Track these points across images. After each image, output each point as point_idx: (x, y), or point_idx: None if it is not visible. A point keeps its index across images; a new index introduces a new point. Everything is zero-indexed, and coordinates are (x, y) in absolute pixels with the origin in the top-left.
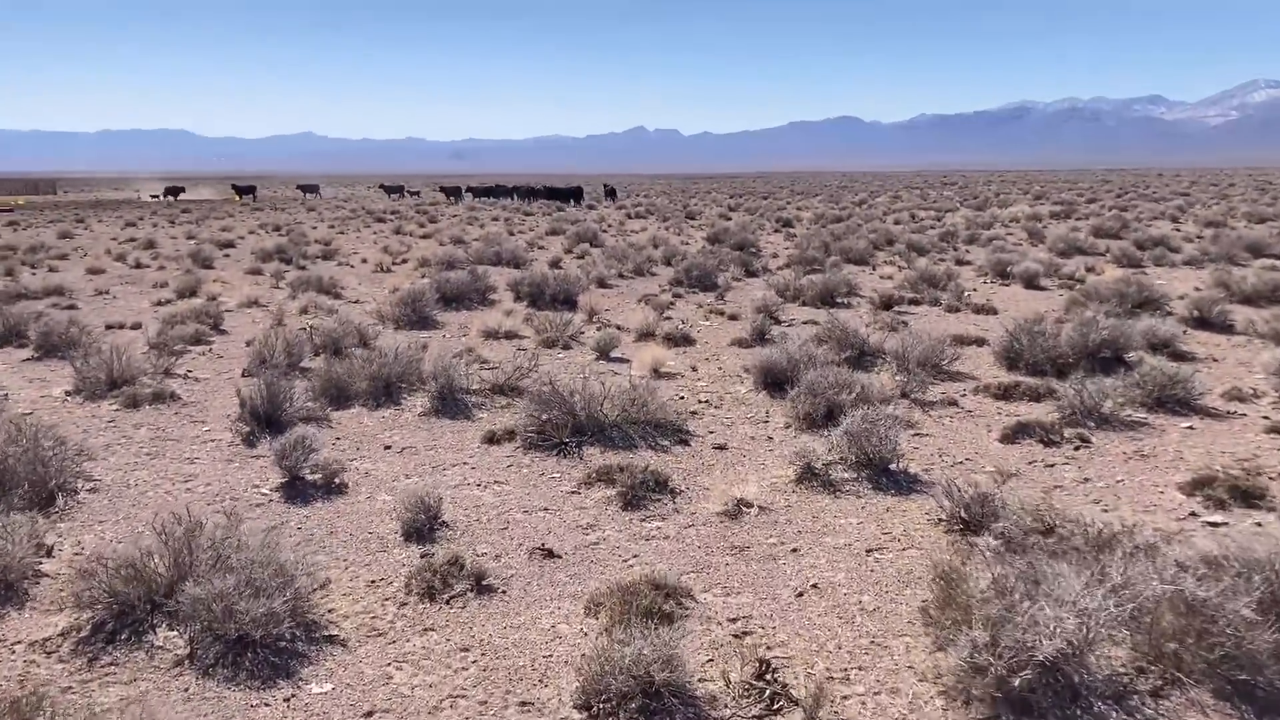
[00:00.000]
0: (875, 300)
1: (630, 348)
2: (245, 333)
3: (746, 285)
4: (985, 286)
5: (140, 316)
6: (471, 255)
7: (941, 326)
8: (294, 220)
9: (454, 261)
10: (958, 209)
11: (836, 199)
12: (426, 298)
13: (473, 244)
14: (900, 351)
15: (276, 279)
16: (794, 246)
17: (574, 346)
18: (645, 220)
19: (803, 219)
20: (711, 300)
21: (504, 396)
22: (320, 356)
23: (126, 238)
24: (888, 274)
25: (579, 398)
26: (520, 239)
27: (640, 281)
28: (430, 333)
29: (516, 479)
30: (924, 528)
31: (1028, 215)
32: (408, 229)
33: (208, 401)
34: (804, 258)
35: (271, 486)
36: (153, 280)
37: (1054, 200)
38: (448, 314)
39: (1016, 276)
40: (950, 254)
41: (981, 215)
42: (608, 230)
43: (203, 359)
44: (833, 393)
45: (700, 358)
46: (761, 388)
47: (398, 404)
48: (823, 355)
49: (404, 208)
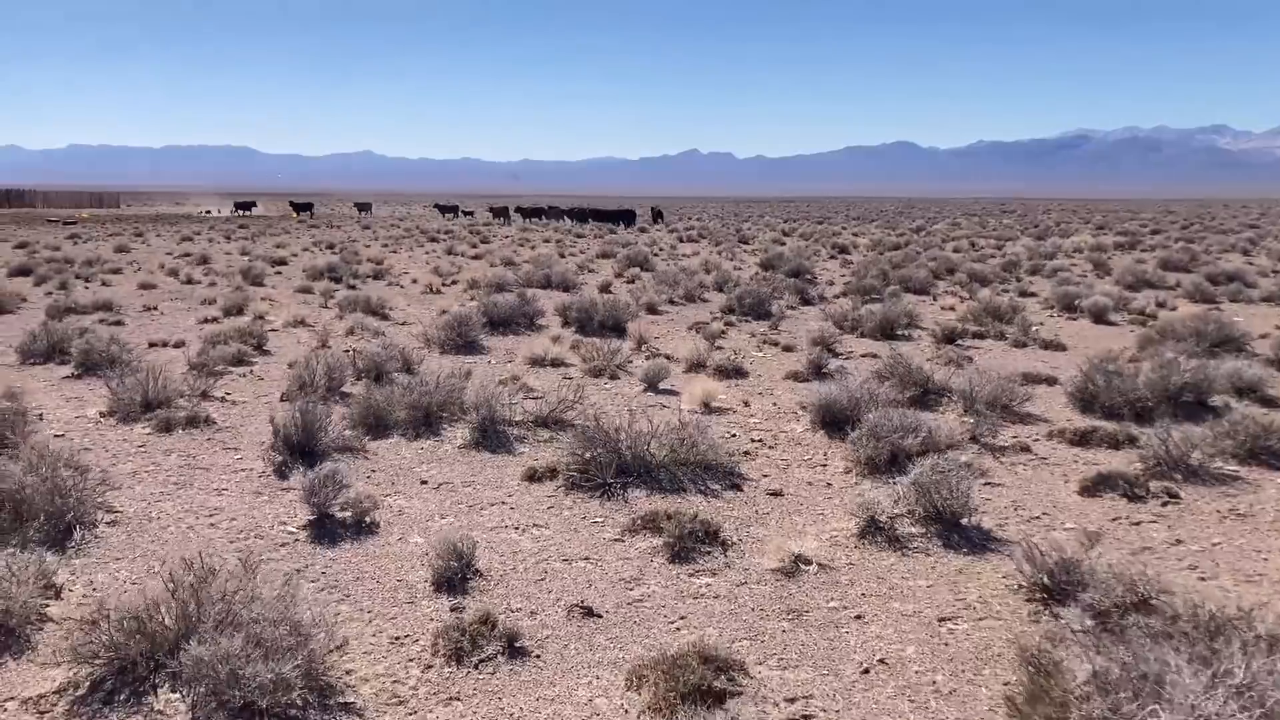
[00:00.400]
0: (937, 333)
1: (680, 379)
2: (289, 354)
3: (801, 314)
4: (1052, 320)
5: (185, 334)
6: (521, 278)
7: (1008, 363)
8: (348, 238)
9: (503, 284)
10: (1018, 237)
11: (893, 225)
12: (473, 322)
13: (523, 266)
14: (968, 391)
15: (325, 298)
16: (851, 274)
17: (621, 376)
18: (697, 244)
19: (859, 245)
20: (765, 329)
21: (547, 429)
22: (362, 381)
23: (181, 252)
24: (949, 305)
25: (624, 435)
26: (571, 261)
27: (691, 308)
28: (475, 358)
29: (557, 522)
30: (1002, 594)
31: (1091, 246)
32: (459, 249)
33: (243, 427)
34: (861, 286)
35: (299, 524)
36: (201, 297)
37: (1117, 230)
38: (494, 339)
39: (1084, 310)
40: (1013, 285)
41: (1043, 245)
42: (659, 254)
43: (243, 381)
44: (897, 436)
45: (753, 392)
46: (819, 427)
47: (437, 435)
48: (885, 393)
49: (457, 227)
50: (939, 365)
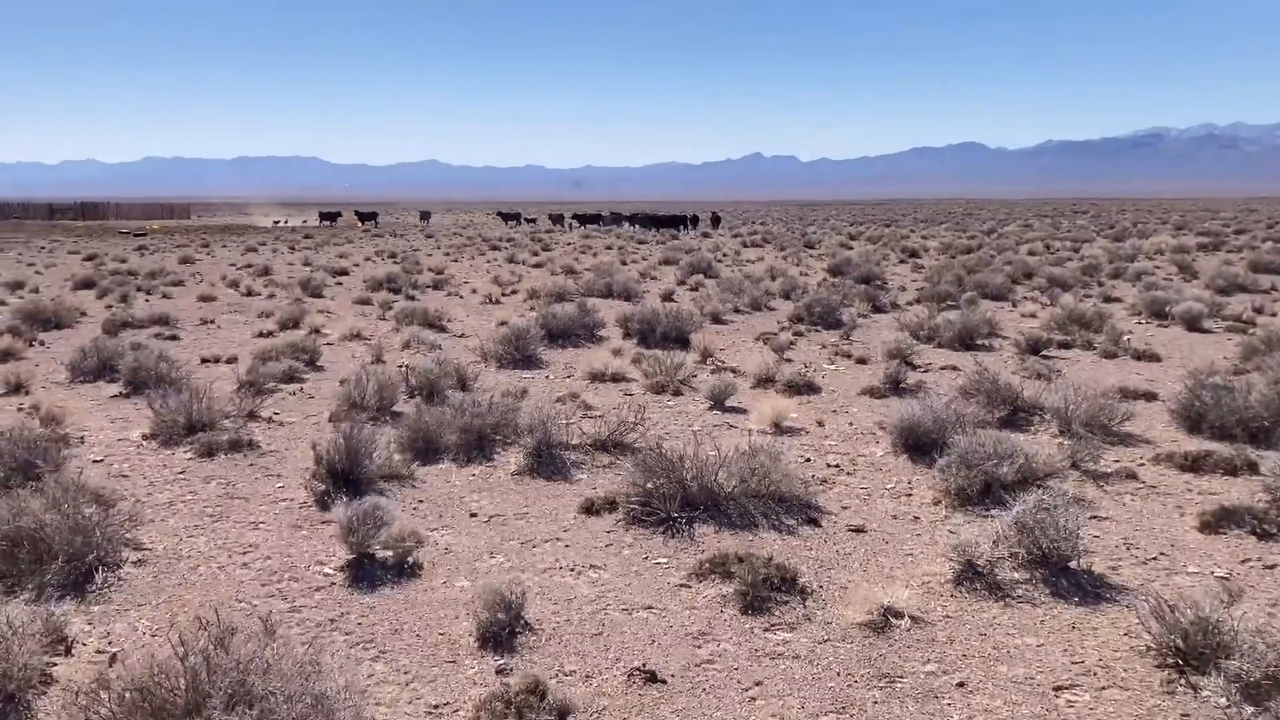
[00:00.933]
0: (1021, 343)
1: (748, 395)
2: (342, 369)
3: (874, 323)
4: (1141, 328)
5: (239, 349)
6: (581, 287)
7: (1099, 376)
8: (410, 247)
9: (563, 293)
10: (1094, 239)
11: (963, 227)
12: (531, 335)
13: (584, 275)
14: (1063, 409)
15: (383, 310)
16: (924, 280)
17: (685, 393)
18: (761, 249)
19: (929, 249)
20: (836, 340)
21: (607, 453)
22: (415, 398)
23: (245, 263)
24: (1030, 312)
25: (690, 464)
26: (632, 269)
27: (757, 317)
28: (533, 373)
29: (616, 563)
30: (1126, 657)
31: (1173, 247)
32: (520, 257)
33: (288, 451)
34: (936, 293)
35: (337, 565)
36: (259, 309)
37: (1198, 231)
38: (553, 352)
39: (1176, 317)
40: (1096, 290)
41: (1122, 246)
42: (723, 260)
43: (292, 399)
44: (991, 464)
45: (827, 409)
46: (901, 450)
47: (490, 459)
48: (973, 413)
49: (519, 235)
50: (1026, 379)
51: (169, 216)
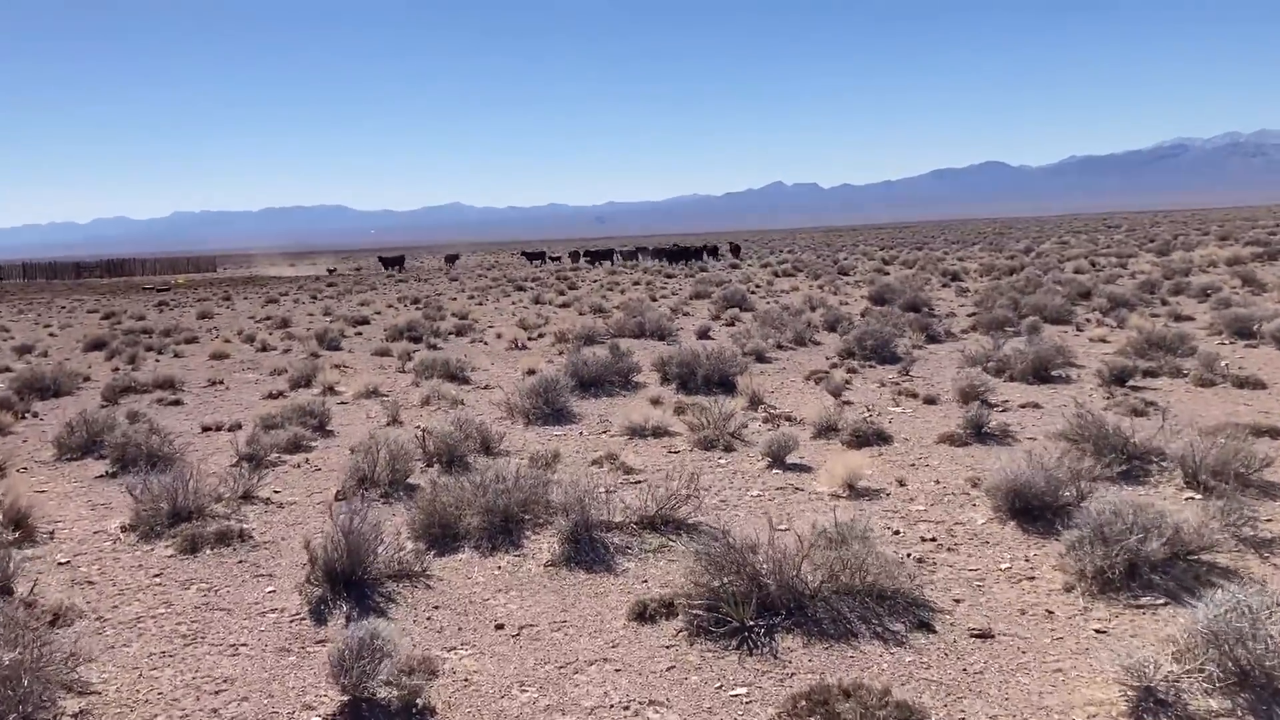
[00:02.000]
0: (1104, 373)
1: (809, 448)
2: (355, 433)
3: (931, 354)
4: (1225, 349)
5: (245, 412)
6: (612, 327)
7: (1201, 409)
8: (434, 291)
9: (593, 335)
10: (1137, 254)
11: (998, 247)
12: (560, 385)
13: (613, 314)
14: (1189, 456)
15: (403, 361)
16: (974, 304)
17: (738, 447)
18: (794, 278)
19: (970, 271)
20: (895, 376)
21: (656, 533)
22: (434, 467)
23: (265, 315)
24: (1099, 335)
25: (764, 554)
26: (663, 305)
27: (803, 353)
28: (565, 429)
29: (681, 697)
30: None
31: (1226, 258)
32: (546, 297)
33: (285, 541)
34: (993, 319)
35: (328, 710)
36: (272, 366)
37: (1245, 240)
38: (585, 402)
39: (1265, 335)
40: (1160, 308)
41: (1171, 260)
42: (756, 291)
43: (296, 473)
44: (1135, 539)
45: (904, 463)
46: (1007, 517)
47: (518, 546)
48: (1085, 467)
49: (544, 274)
50: (1121, 416)
51: (194, 270)
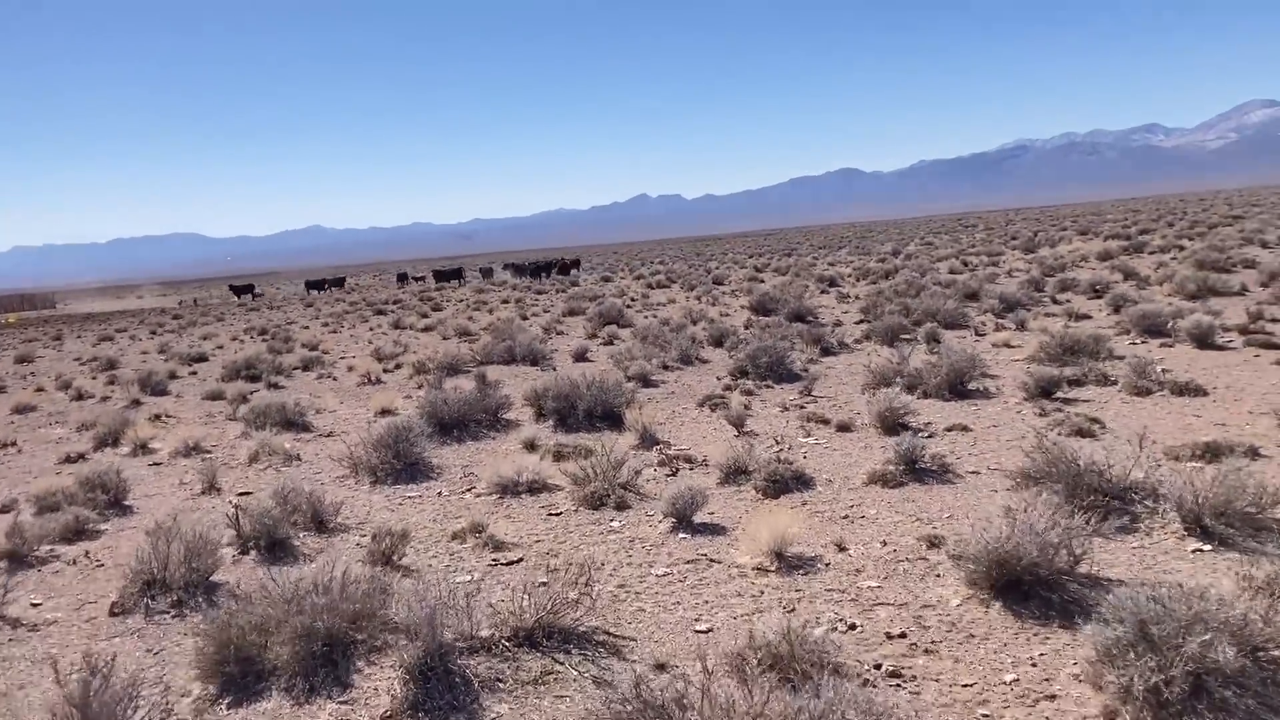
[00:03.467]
0: (1028, 385)
1: (719, 500)
2: (160, 507)
3: (829, 369)
4: (1138, 349)
5: (33, 482)
6: (478, 353)
7: (1148, 422)
8: (285, 320)
9: (457, 364)
10: (1005, 252)
11: (865, 250)
12: (415, 432)
13: (481, 337)
14: (1191, 497)
15: (235, 405)
16: (862, 312)
17: (633, 503)
18: (669, 289)
19: (846, 276)
20: (797, 396)
21: (536, 651)
22: (250, 554)
23: (93, 356)
24: (1003, 339)
25: (698, 708)
26: (535, 324)
27: (691, 373)
28: (421, 488)
29: None
30: None
31: (1098, 253)
32: (408, 321)
33: (33, 681)
34: (887, 326)
35: None
36: (79, 420)
37: (1105, 234)
38: (447, 450)
39: (1180, 333)
40: (1055, 307)
41: (1041, 257)
42: (632, 305)
43: (70, 572)
44: (1197, 643)
45: (835, 514)
46: (989, 595)
47: (346, 687)
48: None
49: (406, 296)
50: (1062, 435)
51: (29, 308)
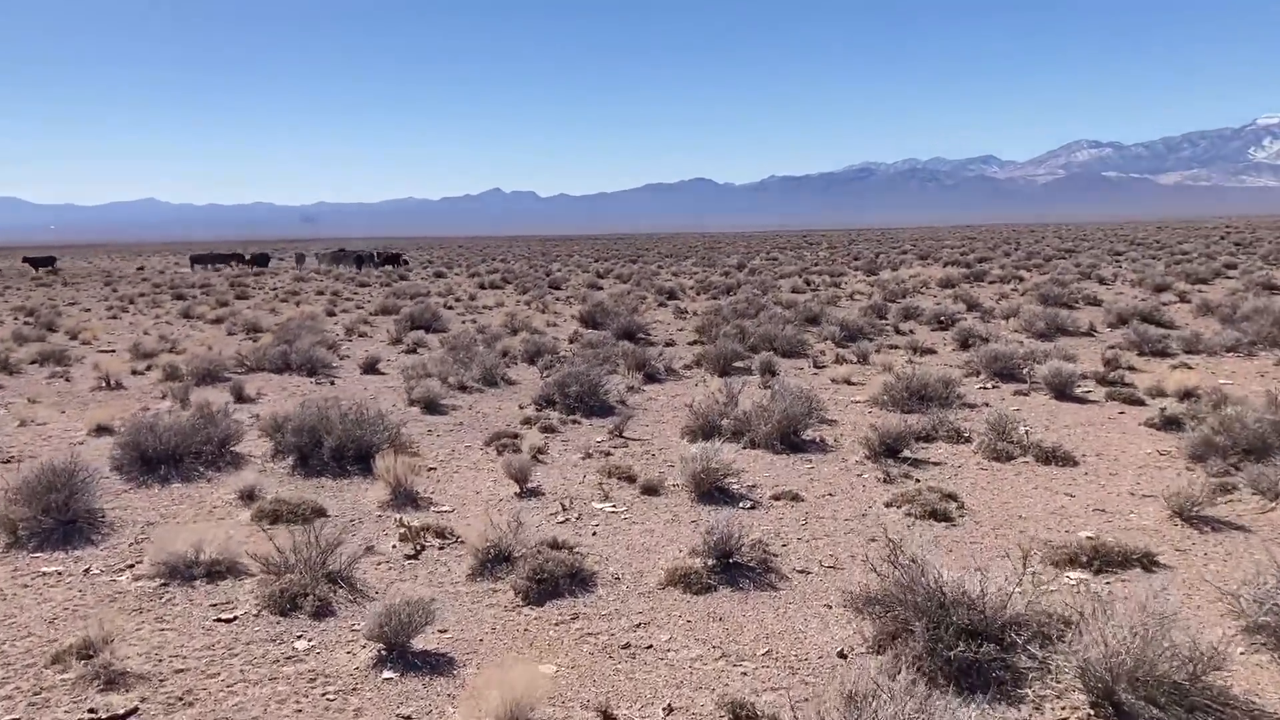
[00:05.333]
0: (871, 441)
1: (463, 608)
2: None
3: (651, 400)
4: (988, 393)
5: None
6: (249, 356)
7: (1016, 500)
8: (68, 300)
9: (216, 369)
10: (847, 272)
11: (711, 262)
12: (86, 477)
13: (269, 332)
14: (1101, 655)
15: None
16: (697, 331)
17: (337, 608)
18: (502, 290)
19: (686, 289)
20: (606, 438)
21: None
22: None
23: None
24: (843, 375)
25: None
26: (341, 321)
27: (492, 396)
28: (71, 557)
29: None
30: None
31: (939, 279)
32: (199, 310)
33: None
34: (719, 352)
35: None
36: None
37: (944, 260)
38: (140, 495)
39: (1037, 380)
40: (897, 337)
41: (882, 280)
42: (455, 305)
43: None
44: None
45: (615, 643)
46: None
47: None
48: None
49: (218, 280)
50: (913, 517)
51: None
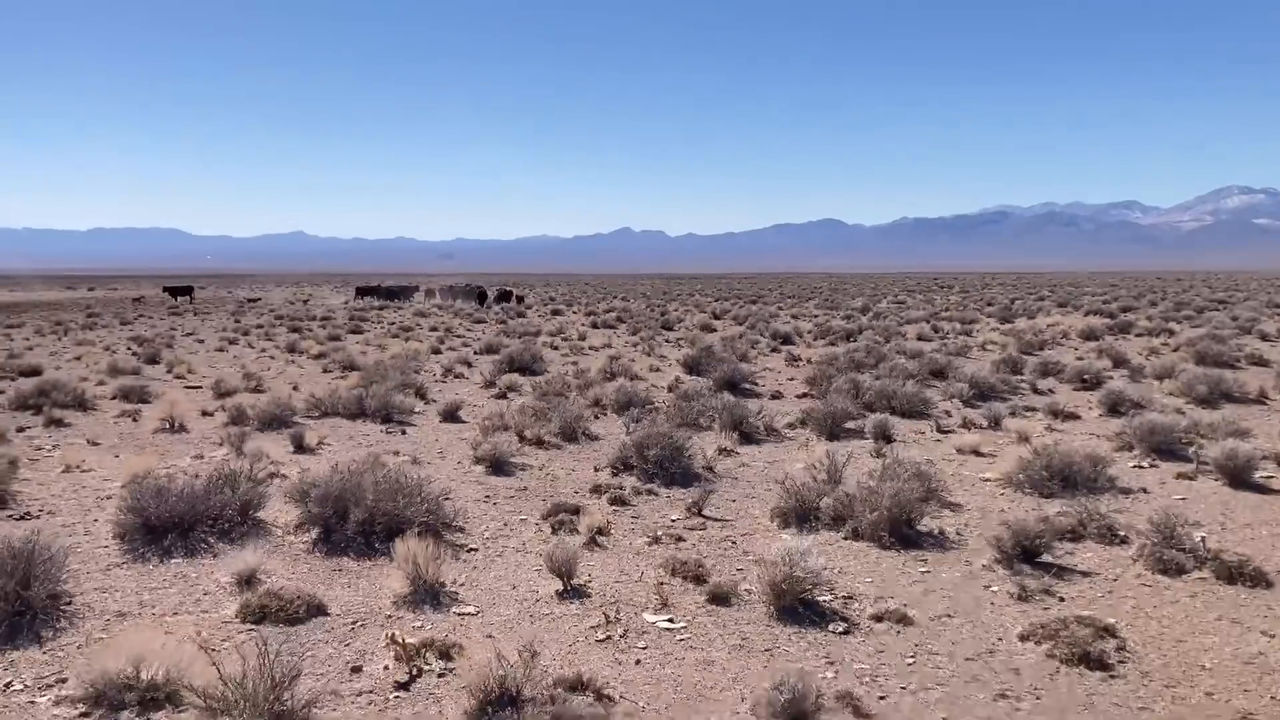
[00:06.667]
0: (1002, 542)
1: None
2: None
3: (743, 467)
4: (1144, 473)
5: None
6: (324, 400)
7: (1196, 640)
8: (182, 330)
9: (284, 415)
10: (979, 319)
11: (834, 304)
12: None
13: (363, 369)
14: None
15: None
16: (807, 383)
17: None
18: (614, 329)
19: (804, 333)
20: (682, 518)
21: None
22: None
23: None
24: (970, 444)
25: None
26: (441, 360)
27: (569, 455)
28: (10, 659)
29: None
30: None
31: (1080, 330)
32: (304, 345)
33: None
34: (830, 413)
35: None
36: None
37: (1085, 309)
38: (132, 570)
39: (1207, 461)
40: (1034, 397)
41: (1019, 329)
42: (561, 345)
43: None
44: None
45: None
46: None
47: None
48: None
49: (337, 315)
50: (1057, 664)
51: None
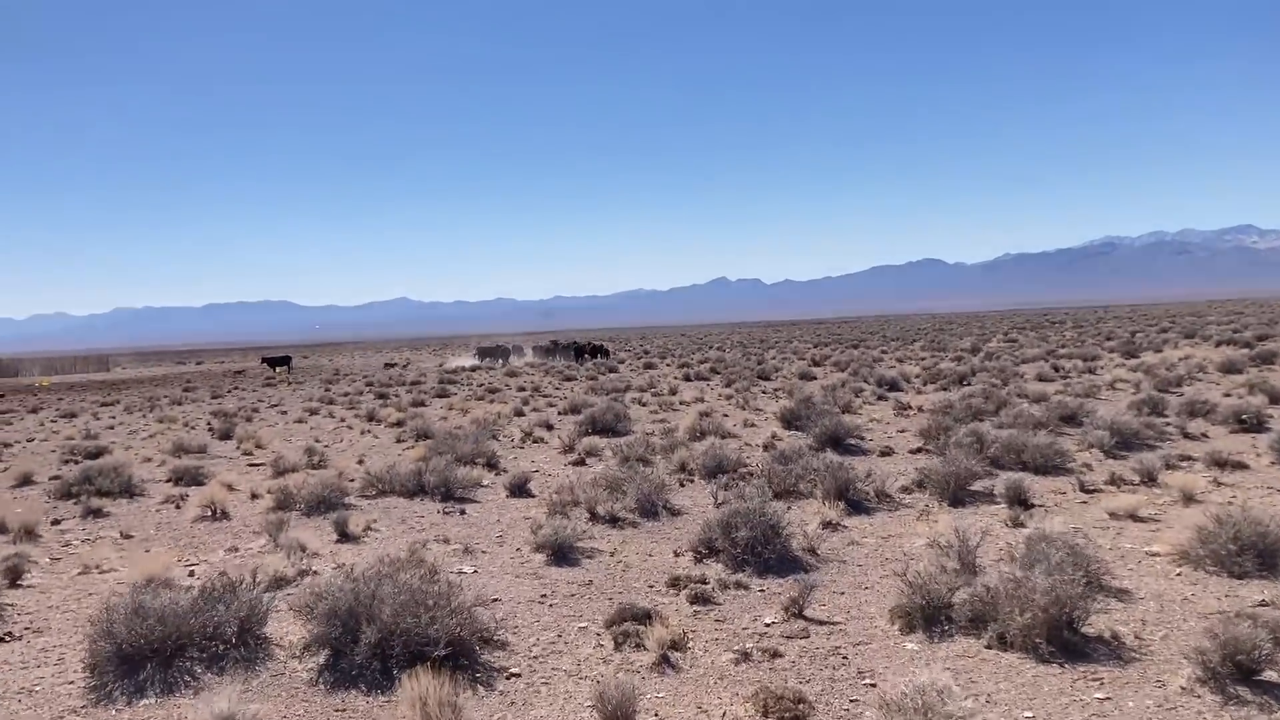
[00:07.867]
0: (1207, 657)
1: None
2: None
3: (852, 545)
4: None
5: None
6: (378, 478)
7: None
8: (269, 403)
9: (335, 497)
10: (1101, 354)
11: (940, 345)
12: None
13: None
14: None
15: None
16: (920, 436)
17: None
18: (707, 381)
19: (911, 378)
20: (780, 620)
21: None
22: None
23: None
24: (1126, 507)
25: None
26: (522, 422)
27: (645, 533)
28: None
29: None
30: None
31: (1219, 363)
32: (384, 412)
33: None
34: (949, 470)
35: None
36: None
37: (1215, 339)
38: (95, 714)
39: None
40: (1187, 444)
41: (1148, 363)
42: (650, 401)
43: None
44: None
45: None
46: None
47: None
48: None
49: (434, 375)
50: None
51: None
